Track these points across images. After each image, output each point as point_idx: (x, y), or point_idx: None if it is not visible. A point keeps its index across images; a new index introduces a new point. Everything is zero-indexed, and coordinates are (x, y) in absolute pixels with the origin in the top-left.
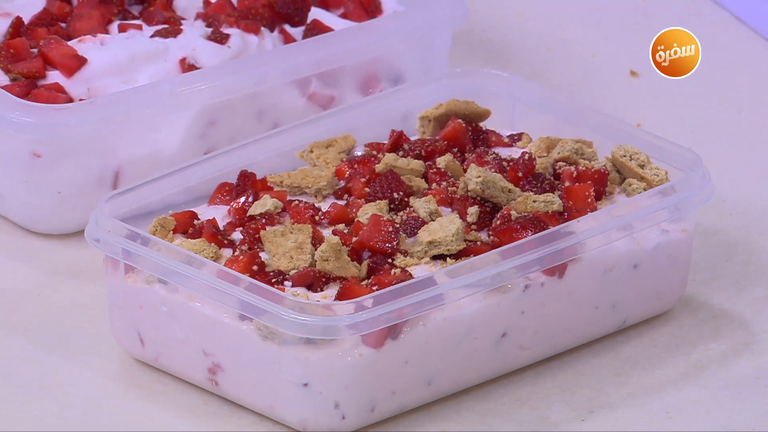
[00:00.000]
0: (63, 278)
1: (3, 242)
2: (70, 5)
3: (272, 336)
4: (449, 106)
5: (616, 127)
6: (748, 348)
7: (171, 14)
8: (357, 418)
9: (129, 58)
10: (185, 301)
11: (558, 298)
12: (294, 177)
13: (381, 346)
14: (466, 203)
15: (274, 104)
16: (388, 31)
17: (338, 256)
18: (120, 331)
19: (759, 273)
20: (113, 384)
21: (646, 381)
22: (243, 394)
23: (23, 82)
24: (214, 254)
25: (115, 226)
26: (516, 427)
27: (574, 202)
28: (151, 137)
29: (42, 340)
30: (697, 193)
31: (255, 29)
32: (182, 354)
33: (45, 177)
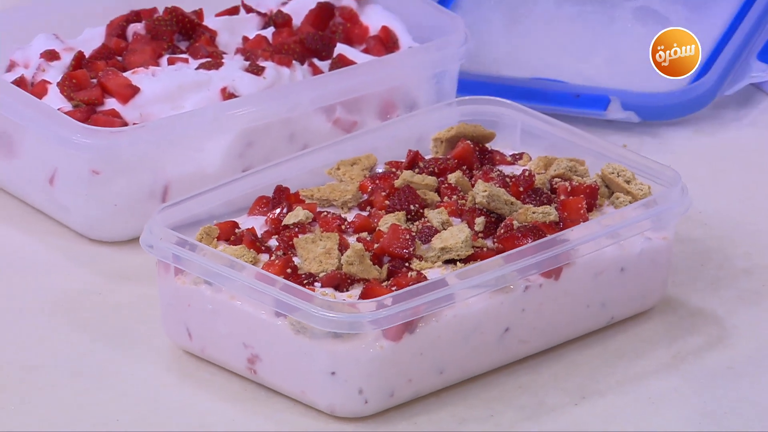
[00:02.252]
0: (119, 280)
1: (67, 249)
2: (125, 41)
3: (304, 330)
4: (459, 129)
5: (605, 147)
6: (721, 342)
7: (214, 49)
8: (378, 402)
9: (177, 87)
10: (228, 300)
11: (554, 298)
12: (323, 191)
13: (399, 340)
14: (473, 214)
15: (303, 128)
16: (404, 65)
17: (362, 260)
18: (170, 327)
19: (730, 276)
20: (164, 373)
21: (631, 371)
22: (278, 382)
23: (84, 108)
24: (253, 259)
25: (166, 234)
26: (517, 411)
27: (568, 214)
28: (195, 156)
29: (102, 334)
30: (676, 206)
31: (287, 62)
32: (225, 346)
33: (103, 192)
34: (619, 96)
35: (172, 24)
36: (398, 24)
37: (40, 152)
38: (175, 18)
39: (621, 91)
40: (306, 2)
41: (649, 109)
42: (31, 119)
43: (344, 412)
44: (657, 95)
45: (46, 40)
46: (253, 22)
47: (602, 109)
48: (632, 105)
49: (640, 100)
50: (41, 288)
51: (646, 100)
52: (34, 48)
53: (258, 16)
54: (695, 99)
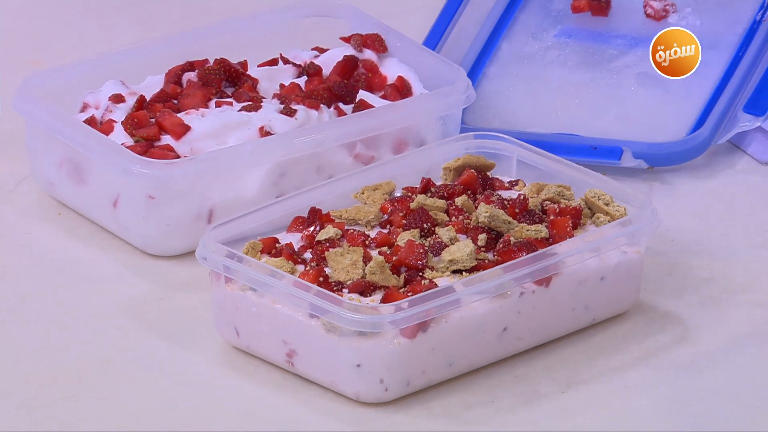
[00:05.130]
0: (176, 288)
1: (128, 262)
2: (181, 87)
3: (334, 330)
4: (464, 160)
5: (588, 175)
6: (685, 339)
7: (255, 94)
8: (396, 390)
9: (222, 126)
10: (269, 304)
11: (545, 302)
12: (350, 212)
13: (414, 337)
14: (477, 231)
15: (328, 161)
16: (415, 109)
17: (383, 270)
18: (221, 326)
19: (693, 284)
20: (216, 365)
21: (610, 363)
22: (312, 373)
23: (143, 143)
24: (291, 269)
25: (218, 249)
26: (514, 397)
27: (556, 231)
28: (236, 184)
29: (163, 333)
30: (647, 225)
31: (316, 106)
32: (267, 343)
33: (157, 213)
34: (629, 146)
35: (220, 73)
36: (411, 74)
37: (106, 180)
38: (223, 68)
39: (631, 142)
40: (334, 55)
41: (656, 156)
42: (99, 152)
43: (368, 399)
44: (662, 145)
45: (114, 85)
46: (289, 71)
47: (617, 158)
48: (641, 154)
49: (648, 150)
50: (110, 295)
51: (653, 149)
52: (103, 92)
53: (293, 67)
54: (693, 148)
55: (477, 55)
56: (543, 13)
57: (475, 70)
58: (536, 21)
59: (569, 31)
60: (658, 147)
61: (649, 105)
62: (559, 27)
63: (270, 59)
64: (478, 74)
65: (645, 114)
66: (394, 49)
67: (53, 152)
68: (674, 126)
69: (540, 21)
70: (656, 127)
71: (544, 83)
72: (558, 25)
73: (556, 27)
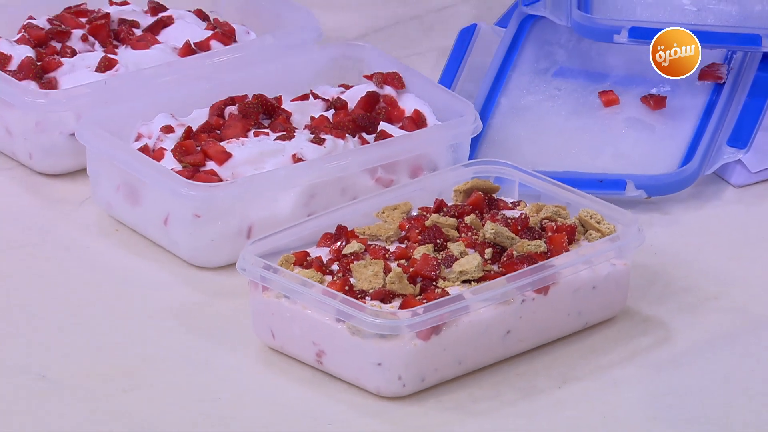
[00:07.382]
0: (219, 295)
1: (178, 272)
2: (223, 119)
3: (358, 332)
4: (473, 183)
5: (582, 197)
6: (666, 341)
7: (288, 125)
8: (412, 386)
9: (259, 153)
10: (301, 310)
11: (543, 308)
12: (372, 229)
13: (428, 339)
14: (484, 246)
15: (352, 184)
16: (429, 138)
17: (401, 280)
18: (259, 329)
19: (673, 293)
20: (254, 363)
21: (601, 362)
22: (339, 370)
23: (190, 168)
24: (320, 279)
25: (256, 261)
26: (516, 392)
27: (554, 246)
28: (271, 205)
29: (207, 335)
30: (633, 240)
31: (342, 135)
32: (299, 344)
33: (203, 230)
34: (631, 179)
35: (258, 107)
36: (426, 108)
37: (158, 201)
38: (261, 102)
39: (630, 176)
40: (358, 91)
41: (654, 187)
42: (152, 176)
43: (387, 393)
44: (658, 176)
45: (165, 117)
46: (319, 105)
47: (622, 189)
48: (641, 185)
49: (646, 181)
50: (160, 301)
51: (651, 180)
52: (155, 124)
53: (322, 101)
54: (684, 179)
55: (480, 109)
56: (533, 71)
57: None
58: (528, 78)
59: (560, 84)
60: (654, 179)
61: (640, 144)
62: (551, 81)
63: (302, 95)
64: (484, 125)
65: (637, 152)
66: (411, 86)
67: (111, 177)
68: (665, 161)
69: (531, 78)
70: (648, 163)
71: (544, 130)
72: (550, 79)
73: (549, 81)
